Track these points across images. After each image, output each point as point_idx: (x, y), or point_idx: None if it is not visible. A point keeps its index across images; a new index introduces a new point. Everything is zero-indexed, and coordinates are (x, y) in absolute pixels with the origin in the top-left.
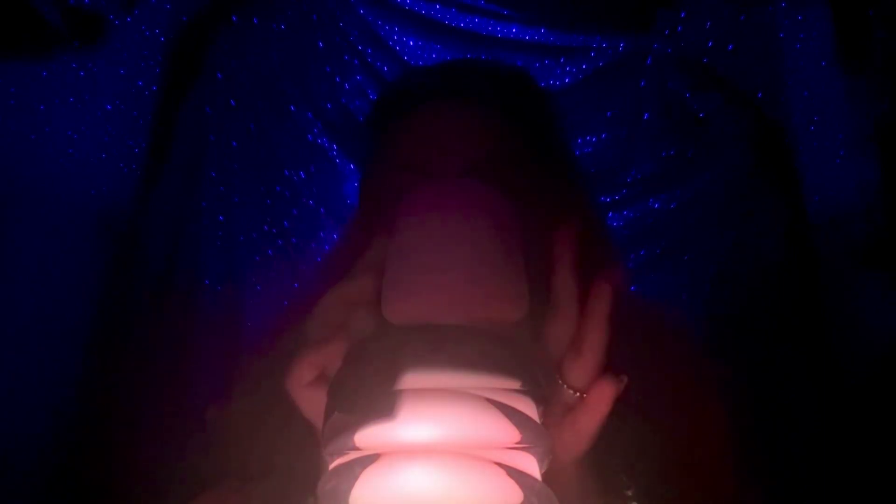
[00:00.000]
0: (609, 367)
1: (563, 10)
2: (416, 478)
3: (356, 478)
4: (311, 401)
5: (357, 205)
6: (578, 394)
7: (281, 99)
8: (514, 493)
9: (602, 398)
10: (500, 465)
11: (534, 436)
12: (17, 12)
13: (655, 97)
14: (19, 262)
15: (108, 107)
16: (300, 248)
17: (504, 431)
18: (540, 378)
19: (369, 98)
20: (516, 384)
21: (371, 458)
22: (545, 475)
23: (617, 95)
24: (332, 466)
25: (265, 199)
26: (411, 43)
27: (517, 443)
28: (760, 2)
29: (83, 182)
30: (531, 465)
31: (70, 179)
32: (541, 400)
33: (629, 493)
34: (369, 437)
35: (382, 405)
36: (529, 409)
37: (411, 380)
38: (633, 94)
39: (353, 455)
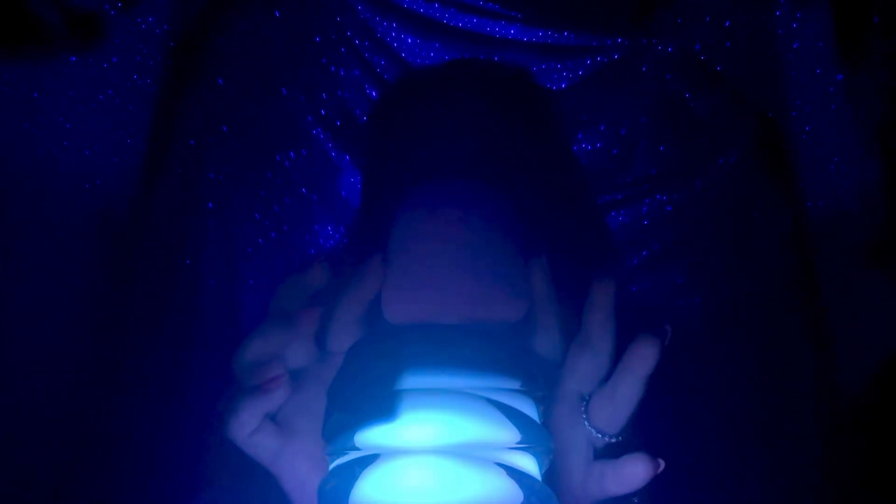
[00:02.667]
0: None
1: (563, 10)
2: (416, 478)
3: (356, 478)
4: (260, 447)
5: (356, 203)
6: (604, 436)
7: (272, 80)
8: (514, 493)
9: (633, 480)
10: (500, 465)
11: (534, 436)
12: (15, 11)
13: (655, 97)
14: (16, 256)
15: (101, 97)
16: (293, 238)
17: (504, 431)
18: (540, 378)
19: (366, 92)
20: (516, 384)
21: (371, 458)
22: (545, 475)
23: (617, 95)
24: (332, 466)
25: (257, 188)
26: (409, 40)
27: (517, 443)
28: (760, 2)
29: (77, 174)
30: (531, 465)
31: (63, 171)
32: (541, 400)
33: (635, 499)
34: (369, 437)
35: (382, 405)
36: (529, 409)
37: (411, 380)
38: (632, 94)
39: (353, 455)
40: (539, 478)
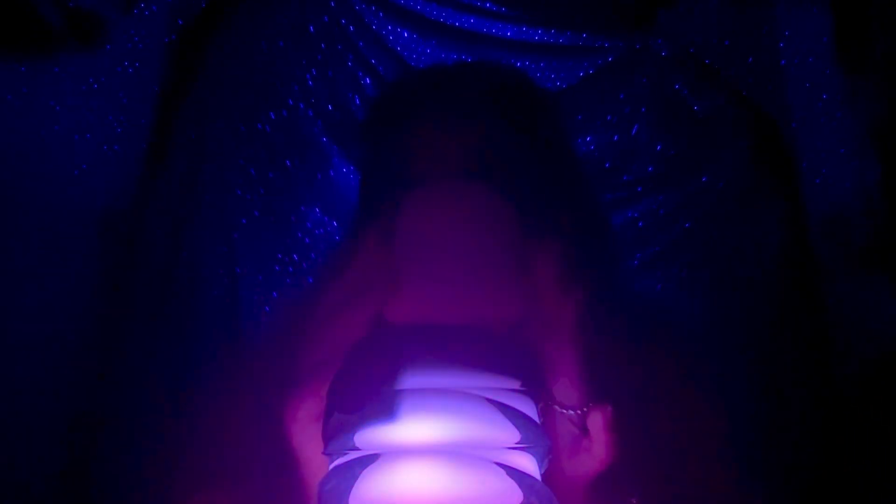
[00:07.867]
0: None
1: (561, 9)
2: (416, 478)
3: (356, 478)
4: (312, 435)
5: (343, 183)
6: (572, 411)
7: (264, 61)
8: (514, 493)
9: (597, 426)
10: (500, 465)
11: (534, 436)
12: (16, 11)
13: (655, 97)
14: (14, 252)
15: (93, 83)
16: (278, 218)
17: (504, 431)
18: (540, 378)
19: (359, 81)
20: (516, 384)
21: (371, 458)
22: (545, 475)
23: (616, 95)
24: (332, 466)
25: (236, 159)
26: (405, 35)
27: (517, 443)
28: (760, 1)
29: (64, 160)
30: (531, 465)
31: (52, 155)
32: (540, 400)
33: (634, 501)
34: (369, 437)
35: (382, 405)
36: (529, 409)
37: (411, 380)
38: (632, 93)
39: (353, 455)
40: (539, 478)
